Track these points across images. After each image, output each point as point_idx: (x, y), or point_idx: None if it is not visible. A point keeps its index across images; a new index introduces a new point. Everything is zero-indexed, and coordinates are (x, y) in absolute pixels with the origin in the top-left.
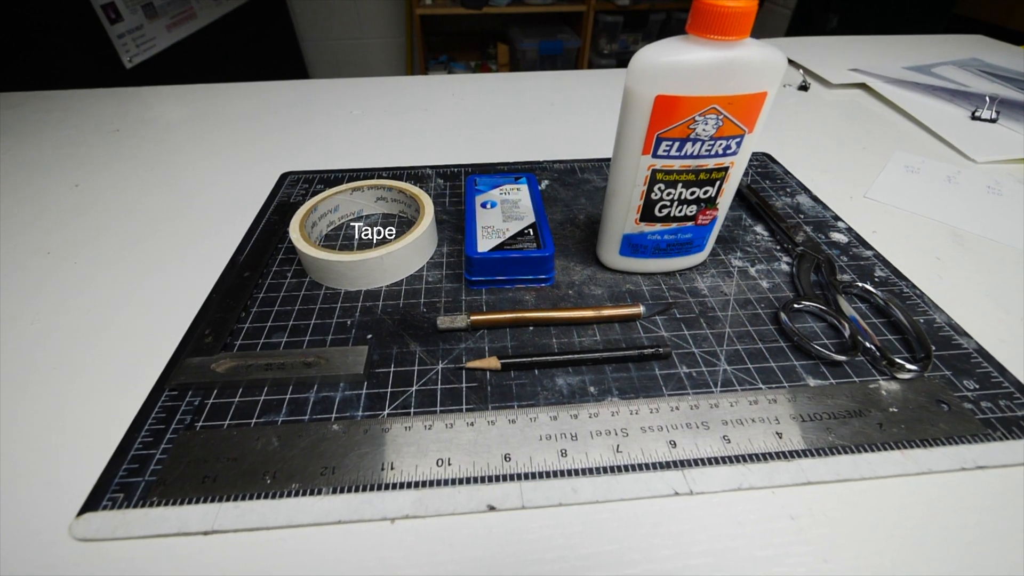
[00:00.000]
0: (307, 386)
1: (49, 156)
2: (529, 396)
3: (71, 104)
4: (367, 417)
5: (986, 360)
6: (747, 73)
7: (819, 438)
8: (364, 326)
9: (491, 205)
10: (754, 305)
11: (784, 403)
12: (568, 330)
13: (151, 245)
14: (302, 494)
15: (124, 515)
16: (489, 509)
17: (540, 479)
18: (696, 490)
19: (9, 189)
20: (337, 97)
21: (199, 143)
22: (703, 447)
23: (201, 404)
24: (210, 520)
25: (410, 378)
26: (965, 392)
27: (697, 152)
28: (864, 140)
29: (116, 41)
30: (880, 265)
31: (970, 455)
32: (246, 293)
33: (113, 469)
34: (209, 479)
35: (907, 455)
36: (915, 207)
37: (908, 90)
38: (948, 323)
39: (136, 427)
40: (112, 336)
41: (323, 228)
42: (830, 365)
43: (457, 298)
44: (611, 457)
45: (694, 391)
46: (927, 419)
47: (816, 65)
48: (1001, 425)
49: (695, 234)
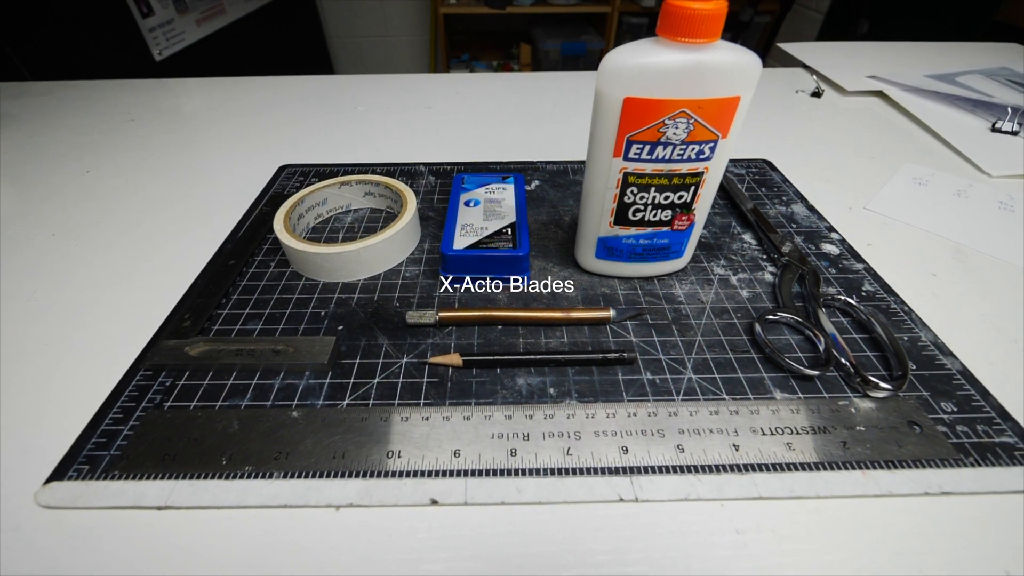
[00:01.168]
0: (274, 373)
1: (67, 143)
2: (488, 394)
3: (93, 94)
4: (326, 406)
5: (969, 382)
6: (717, 77)
7: (777, 453)
8: (337, 317)
9: (474, 203)
10: (730, 314)
11: (746, 415)
12: (536, 331)
13: (149, 230)
14: (254, 477)
15: (87, 486)
16: (432, 503)
17: (486, 476)
18: (642, 497)
19: (26, 173)
20: (345, 93)
21: (207, 134)
22: (655, 455)
23: (172, 385)
24: (165, 496)
25: (374, 370)
26: (941, 414)
27: (669, 156)
28: (873, 150)
29: (147, 35)
30: (870, 279)
31: (936, 480)
32: (228, 280)
33: (83, 442)
34: (169, 457)
35: (868, 476)
36: (917, 221)
37: (927, 99)
38: (934, 342)
39: (109, 404)
40: (101, 315)
41: (310, 220)
42: (801, 379)
43: (431, 294)
44: (560, 459)
45: (655, 398)
46: (895, 440)
47: (833, 71)
48: (975, 451)
49: (672, 239)
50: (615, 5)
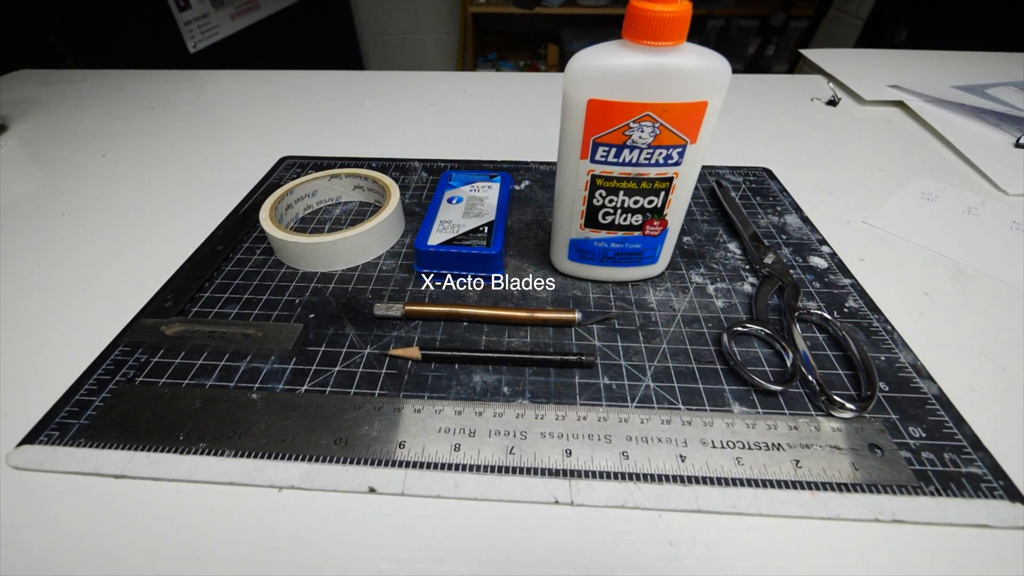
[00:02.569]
0: (241, 356)
1: (88, 128)
2: (443, 389)
3: (119, 82)
4: (285, 391)
5: (944, 408)
6: (682, 81)
7: (724, 467)
8: (310, 305)
9: (457, 201)
10: (701, 324)
11: (699, 427)
12: (501, 329)
13: (151, 214)
14: (207, 453)
15: (54, 451)
16: (370, 491)
17: (427, 469)
18: (578, 501)
19: (48, 155)
20: (354, 88)
21: (219, 123)
22: (598, 460)
23: (146, 362)
24: (123, 465)
25: (336, 359)
26: (908, 439)
27: (636, 160)
28: (883, 162)
29: (183, 28)
30: (855, 295)
31: (890, 507)
32: (214, 265)
33: (57, 410)
34: (132, 429)
35: (817, 497)
36: (918, 237)
37: (949, 111)
38: (912, 364)
39: (86, 376)
40: (94, 293)
41: (299, 211)
42: (764, 394)
43: (405, 288)
44: (502, 458)
45: (608, 403)
46: (852, 462)
47: (853, 80)
48: (937, 479)
49: (645, 245)
50: None
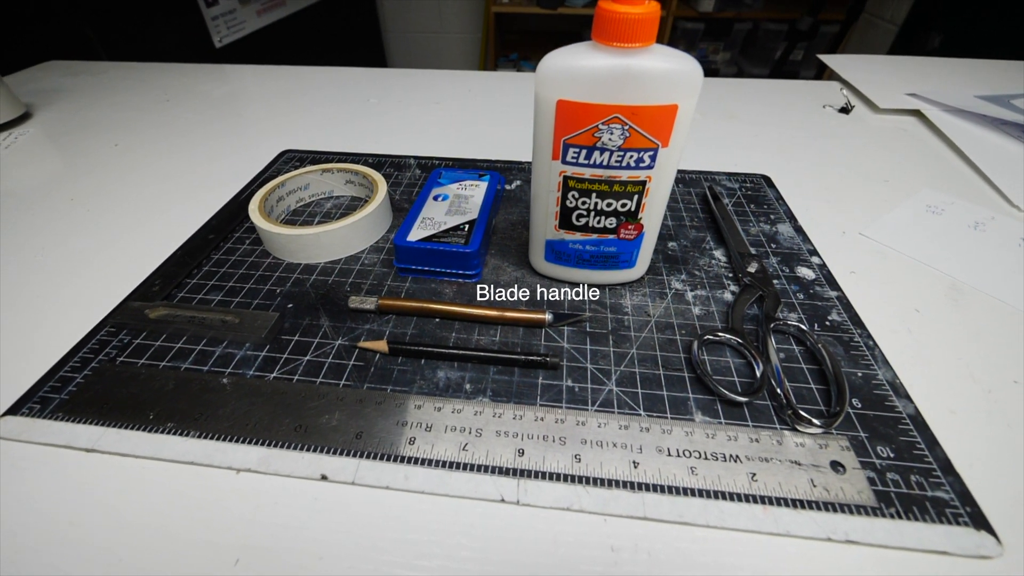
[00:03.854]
0: (218, 341)
1: (106, 117)
2: (407, 383)
3: (140, 74)
4: (255, 377)
5: (917, 429)
6: (650, 84)
7: (677, 475)
8: (290, 296)
9: (443, 198)
10: (675, 330)
11: (656, 434)
12: (472, 327)
13: (154, 201)
14: (173, 433)
15: (33, 423)
16: (322, 478)
17: (380, 460)
18: (524, 501)
19: (66, 142)
20: (361, 85)
21: (228, 116)
22: (550, 461)
23: (129, 342)
24: (93, 440)
25: (308, 348)
26: (874, 459)
27: (607, 162)
28: (890, 172)
29: (210, 23)
30: (840, 308)
31: (844, 527)
32: (204, 252)
33: (41, 384)
34: (107, 406)
35: (769, 512)
36: (916, 251)
37: (968, 121)
38: (891, 381)
39: (72, 353)
40: (91, 275)
41: (291, 203)
42: (729, 404)
43: (383, 283)
44: (455, 454)
45: (568, 405)
46: (811, 479)
47: (869, 87)
48: (899, 502)
49: (620, 248)
50: (670, 9)
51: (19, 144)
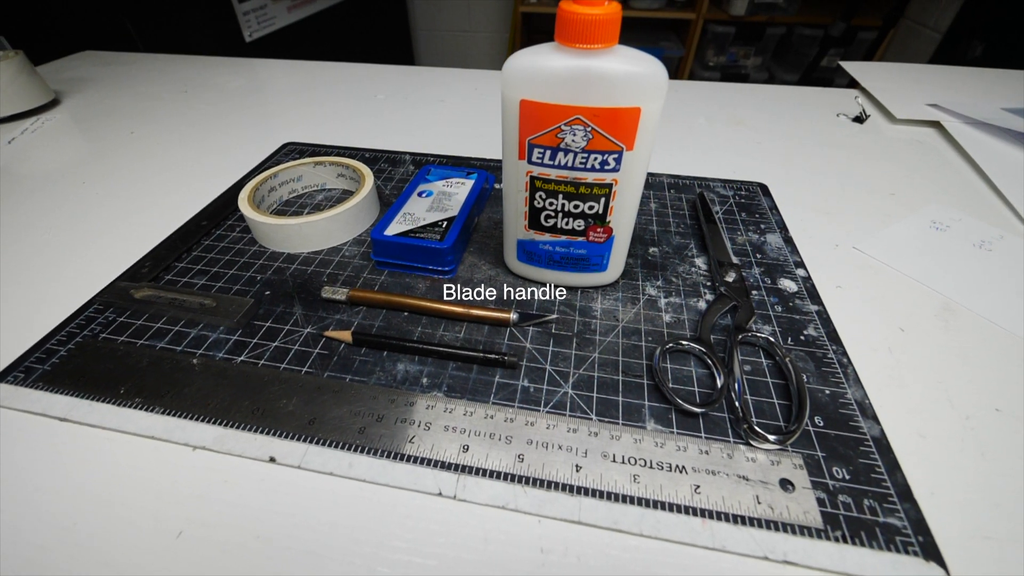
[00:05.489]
0: (195, 323)
1: (127, 106)
2: (367, 373)
3: (164, 66)
4: (223, 359)
5: (879, 452)
6: (610, 85)
7: (619, 482)
8: (269, 283)
9: (427, 195)
10: (641, 337)
11: (605, 439)
12: (438, 323)
13: (159, 187)
14: (139, 408)
15: (16, 390)
16: (270, 460)
17: (327, 447)
18: (461, 496)
19: (86, 130)
20: (371, 81)
21: (239, 109)
22: (493, 459)
23: (113, 320)
24: (67, 410)
25: (277, 335)
26: (827, 479)
27: (571, 163)
28: (898, 185)
29: (241, 17)
30: (818, 323)
31: (784, 547)
32: (195, 238)
33: (29, 355)
34: (83, 379)
35: (707, 526)
36: (911, 268)
37: (991, 134)
38: (859, 401)
39: (60, 327)
40: (91, 255)
41: (284, 194)
42: (684, 414)
43: (360, 275)
44: (401, 445)
45: (520, 405)
46: (757, 495)
47: (888, 96)
48: (847, 525)
49: (590, 251)
50: (700, 12)
51: (45, 128)
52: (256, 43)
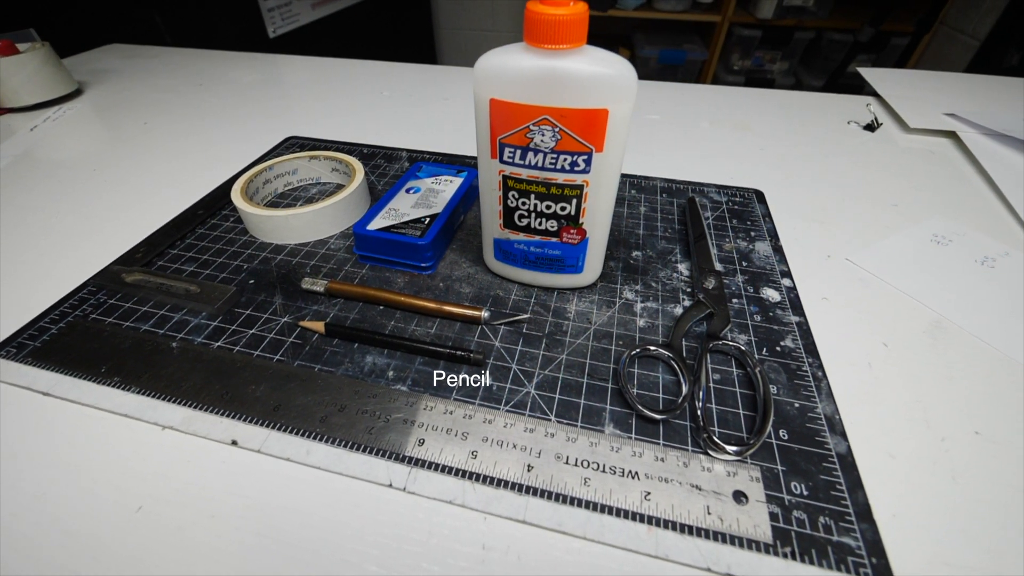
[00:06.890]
0: (179, 308)
1: (144, 97)
2: (336, 363)
3: (183, 60)
4: (201, 344)
5: (843, 469)
6: (577, 86)
7: (568, 484)
8: (255, 272)
9: (415, 191)
10: (612, 340)
11: (560, 440)
12: (412, 317)
13: (164, 177)
14: (116, 387)
15: (6, 364)
16: (232, 443)
17: (287, 433)
18: (411, 489)
19: (103, 120)
20: (379, 78)
21: (249, 103)
22: (446, 454)
23: (104, 302)
24: (50, 385)
25: (255, 323)
26: (784, 494)
27: (541, 164)
28: (902, 196)
29: (265, 14)
30: (796, 335)
31: (729, 559)
32: (189, 226)
33: (22, 331)
34: (69, 356)
35: (652, 533)
36: (903, 282)
37: (1009, 147)
38: (829, 416)
39: (54, 307)
40: (93, 239)
41: (278, 186)
42: (645, 420)
43: (343, 268)
44: (359, 436)
45: (481, 402)
46: (708, 506)
47: (903, 104)
48: (798, 542)
49: (565, 252)
50: (726, 15)
51: (66, 117)
52: (280, 39)
